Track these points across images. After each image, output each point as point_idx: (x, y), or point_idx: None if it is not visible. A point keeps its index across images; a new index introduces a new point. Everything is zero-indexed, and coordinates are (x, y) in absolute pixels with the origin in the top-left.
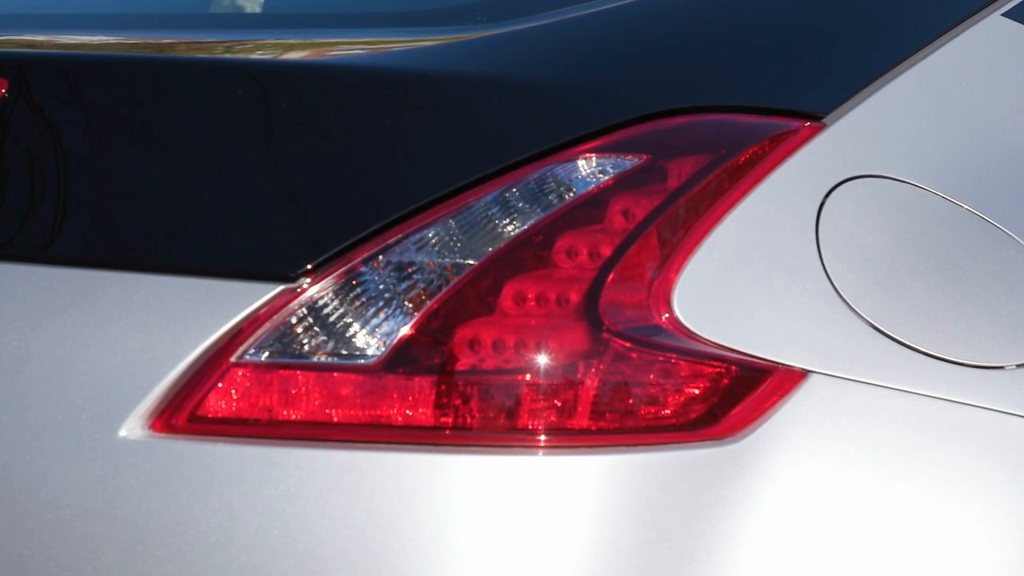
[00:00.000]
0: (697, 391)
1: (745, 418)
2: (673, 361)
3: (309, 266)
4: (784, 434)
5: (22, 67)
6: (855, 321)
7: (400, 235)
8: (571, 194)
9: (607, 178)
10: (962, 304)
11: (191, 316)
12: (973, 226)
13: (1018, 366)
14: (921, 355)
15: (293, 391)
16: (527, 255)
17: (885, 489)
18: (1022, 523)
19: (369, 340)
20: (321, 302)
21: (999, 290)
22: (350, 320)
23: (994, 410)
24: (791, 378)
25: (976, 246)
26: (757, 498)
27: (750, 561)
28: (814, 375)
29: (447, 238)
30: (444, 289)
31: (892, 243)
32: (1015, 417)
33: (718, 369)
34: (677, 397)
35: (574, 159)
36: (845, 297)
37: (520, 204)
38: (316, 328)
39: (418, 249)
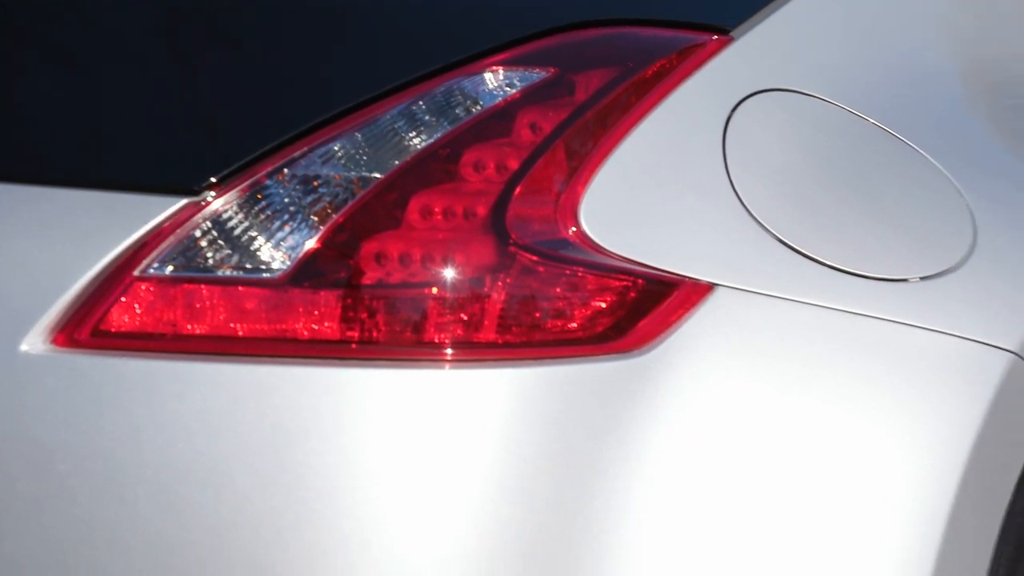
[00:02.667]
0: (604, 304)
1: (652, 331)
2: (580, 274)
3: (213, 179)
4: (690, 347)
5: None
6: (761, 235)
7: (305, 148)
8: (478, 107)
9: (514, 91)
10: (868, 218)
11: (93, 230)
12: (880, 141)
13: (922, 279)
14: (827, 268)
15: (198, 305)
16: (434, 168)
17: (791, 401)
18: (927, 433)
19: (274, 254)
20: (225, 215)
21: (904, 204)
22: (255, 234)
23: (898, 322)
24: (697, 291)
25: (882, 160)
26: (663, 410)
27: (656, 473)
28: (720, 288)
29: (353, 151)
30: (350, 202)
31: (799, 157)
32: (919, 329)
33: (625, 282)
34: (584, 310)
35: (481, 72)
36: (751, 211)
37: (427, 117)
38: (220, 242)
39: (324, 162)
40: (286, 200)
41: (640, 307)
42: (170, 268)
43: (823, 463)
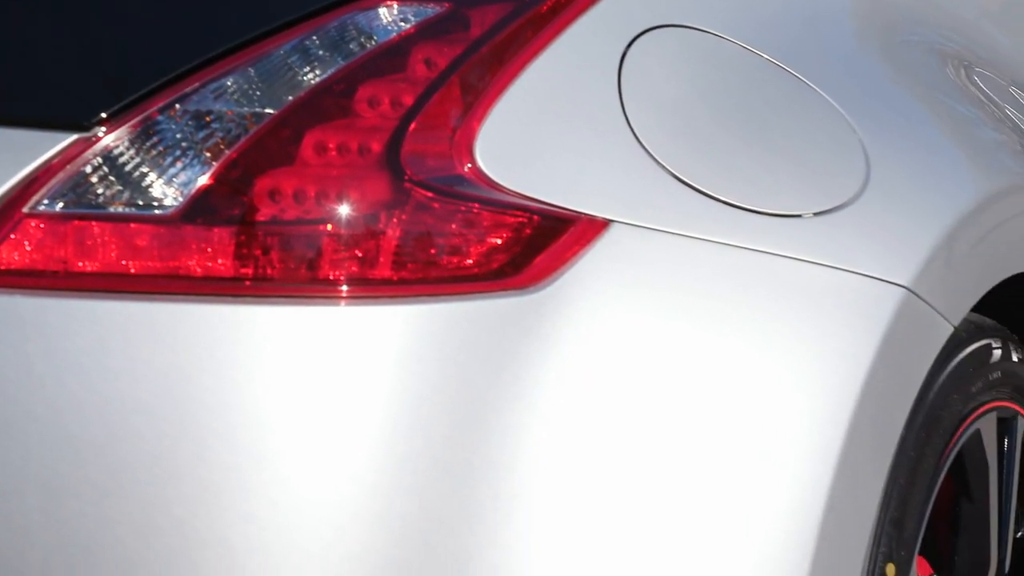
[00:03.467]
0: (499, 240)
1: (547, 267)
2: (475, 211)
3: (104, 115)
4: (586, 283)
5: None
6: (657, 171)
7: (198, 83)
8: (372, 42)
9: (409, 26)
10: (762, 153)
11: None
12: (774, 77)
13: (815, 214)
14: (721, 204)
15: (89, 242)
16: (328, 104)
17: (685, 336)
18: (820, 368)
19: (166, 190)
20: (117, 151)
21: (798, 140)
22: (147, 170)
23: (792, 258)
24: (593, 227)
25: (777, 96)
26: (559, 346)
27: (552, 408)
28: (616, 224)
29: (246, 87)
30: (243, 138)
31: (694, 93)
32: (812, 264)
33: (520, 219)
34: (479, 247)
35: (375, 7)
36: (647, 147)
37: (320, 52)
38: (112, 178)
39: (216, 98)
40: (178, 136)
41: (536, 243)
42: (60, 205)
43: (718, 397)
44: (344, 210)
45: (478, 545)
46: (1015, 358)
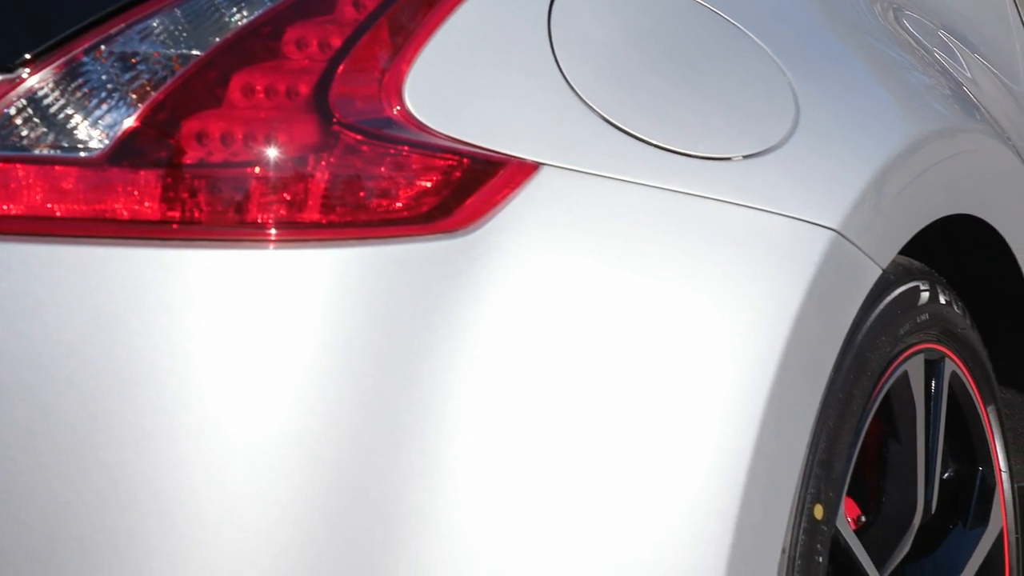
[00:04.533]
0: (429, 184)
1: (477, 210)
2: (404, 154)
3: (28, 56)
4: (516, 226)
5: None
6: (587, 114)
7: (123, 25)
8: None
9: None
10: (692, 97)
11: None
12: (704, 20)
13: (745, 157)
14: (652, 147)
15: (13, 185)
16: (255, 46)
17: (616, 279)
18: (751, 309)
19: (92, 132)
20: (41, 93)
21: (728, 83)
22: (72, 112)
23: (723, 201)
24: (523, 170)
25: (707, 40)
26: (489, 289)
27: (482, 351)
28: (546, 167)
29: (172, 28)
30: (169, 80)
31: (624, 36)
32: (742, 207)
33: (450, 162)
34: (409, 190)
35: None
36: (577, 90)
37: None
38: (36, 120)
39: (142, 39)
40: (104, 78)
41: (466, 186)
42: None
43: (647, 340)
44: (272, 153)
45: (407, 488)
46: (942, 300)
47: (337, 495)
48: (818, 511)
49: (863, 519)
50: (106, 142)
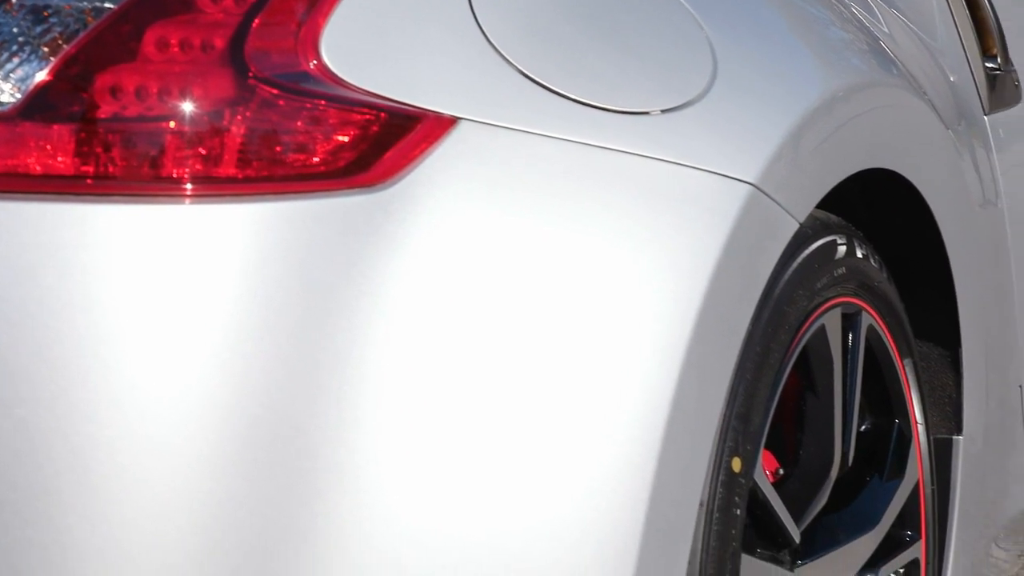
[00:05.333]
0: (346, 138)
1: (395, 165)
2: (321, 108)
3: None
4: (434, 180)
5: None
6: (505, 68)
7: None
8: None
9: None
10: (610, 51)
11: None
12: None
13: (663, 111)
14: (570, 102)
15: None
16: None
17: (534, 233)
18: (669, 263)
19: (3, 86)
20: None
21: (646, 37)
22: None
23: (641, 155)
24: (441, 125)
25: None
26: (407, 244)
27: (399, 306)
28: (464, 122)
29: None
30: (82, 33)
31: None
32: (660, 162)
33: (367, 116)
34: (326, 144)
35: None
36: (495, 44)
37: None
38: None
39: None
40: (15, 30)
41: (383, 141)
42: None
43: (566, 294)
44: (187, 107)
45: (325, 443)
46: (859, 254)
47: (254, 450)
48: (736, 464)
49: (781, 472)
50: (18, 96)
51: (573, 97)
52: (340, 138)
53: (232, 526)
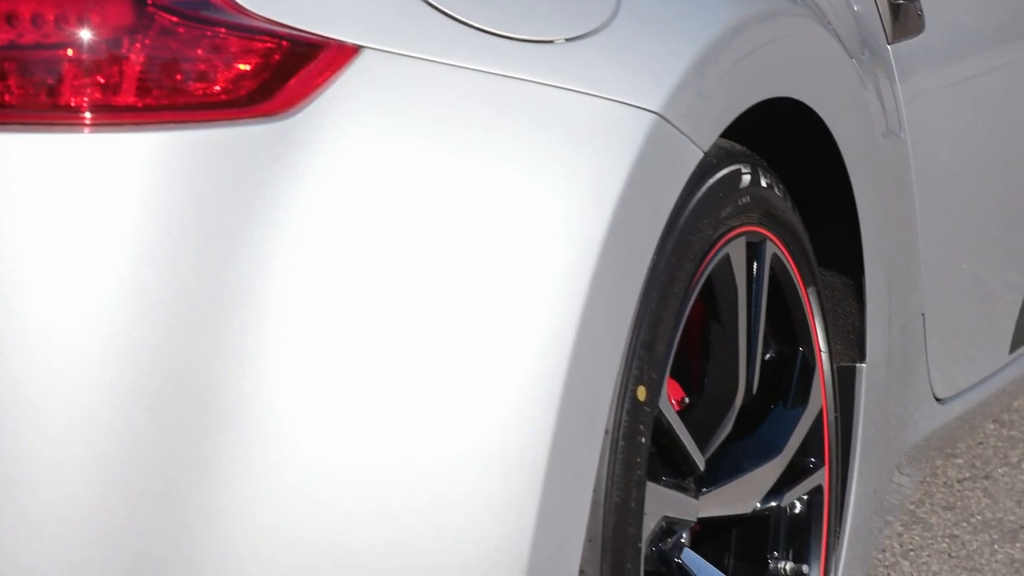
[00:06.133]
0: (248, 67)
1: (297, 94)
2: (223, 36)
3: None
4: (337, 109)
5: None
6: None
7: None
8: None
9: None
10: None
11: None
12: None
13: (567, 40)
14: (473, 30)
15: None
16: None
17: (439, 162)
18: (573, 192)
19: None
20: None
21: None
22: None
23: (545, 84)
24: (343, 53)
25: None
26: (310, 173)
27: (303, 235)
28: (367, 50)
29: None
30: None
31: None
32: (565, 91)
33: (269, 44)
34: (227, 73)
35: None
36: None
37: None
38: None
39: None
40: None
41: (285, 70)
42: None
43: (470, 223)
44: (85, 34)
45: (228, 373)
46: (764, 183)
47: (156, 381)
48: (641, 392)
49: (686, 400)
50: None
51: (477, 26)
52: (241, 67)
53: (134, 457)
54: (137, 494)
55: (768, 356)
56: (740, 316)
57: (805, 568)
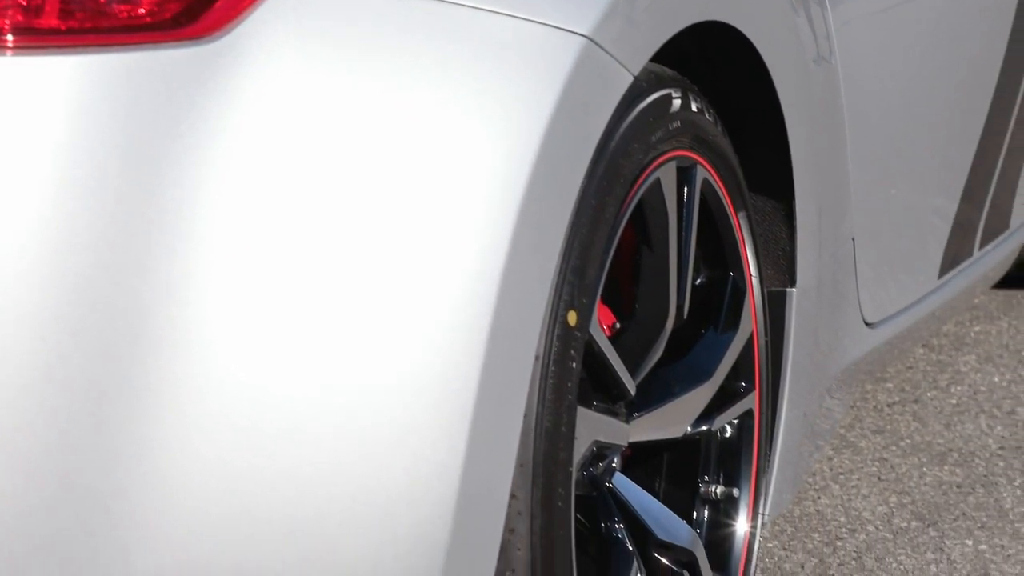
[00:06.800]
0: None
1: (223, 17)
2: None
3: None
4: (263, 33)
5: None
6: None
7: None
8: None
9: None
10: None
11: None
12: None
13: None
14: None
15: None
16: None
17: (366, 88)
18: (503, 117)
19: None
20: None
21: None
22: None
23: (473, 7)
24: None
25: None
26: (236, 96)
27: (230, 159)
28: None
29: None
30: None
31: None
32: (493, 14)
33: None
34: None
35: None
36: None
37: None
38: None
39: None
40: None
41: None
42: None
43: (397, 147)
44: None
45: (155, 299)
46: (694, 108)
47: (81, 309)
48: (572, 317)
49: (617, 326)
50: None
51: None
52: None
53: (61, 385)
54: (63, 421)
55: (699, 281)
56: (671, 241)
57: (735, 491)
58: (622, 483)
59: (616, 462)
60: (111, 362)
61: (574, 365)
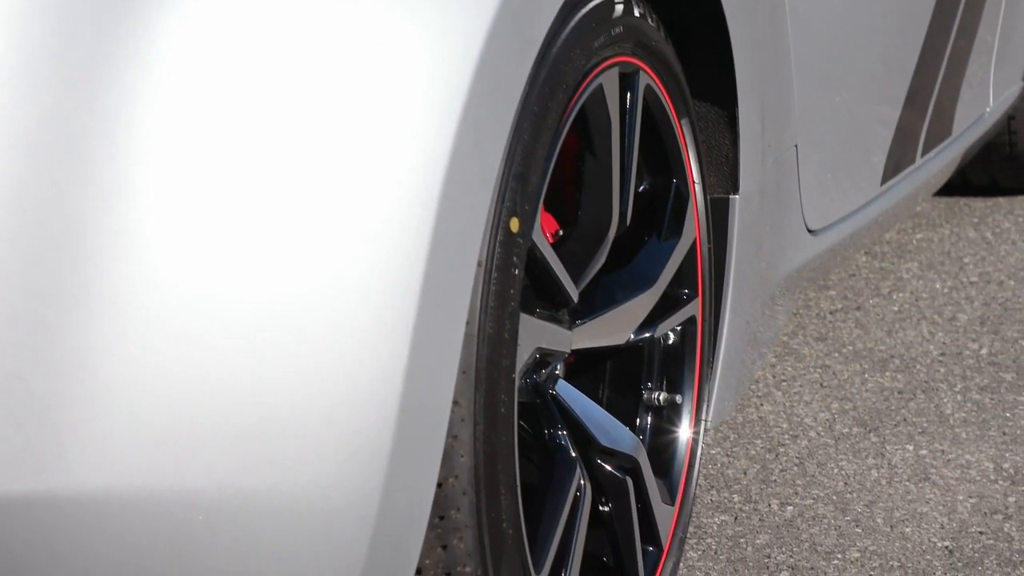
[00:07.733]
0: None
1: None
2: None
3: None
4: None
5: None
6: None
7: None
8: None
9: None
10: None
11: None
12: None
13: None
14: None
15: None
16: None
17: None
18: (443, 22)
19: None
20: None
21: None
22: None
23: None
24: None
25: None
26: (175, 2)
27: (169, 68)
28: None
29: None
30: None
31: None
32: None
33: None
34: None
35: None
36: None
37: None
38: None
39: None
40: None
41: None
42: None
43: (336, 53)
44: None
45: (95, 211)
46: (637, 13)
47: (18, 215)
48: (514, 224)
49: (560, 232)
50: None
51: None
52: None
53: None
54: (2, 330)
55: (642, 188)
56: (614, 147)
57: (678, 398)
58: (565, 390)
59: (559, 369)
60: (50, 271)
61: (517, 272)
